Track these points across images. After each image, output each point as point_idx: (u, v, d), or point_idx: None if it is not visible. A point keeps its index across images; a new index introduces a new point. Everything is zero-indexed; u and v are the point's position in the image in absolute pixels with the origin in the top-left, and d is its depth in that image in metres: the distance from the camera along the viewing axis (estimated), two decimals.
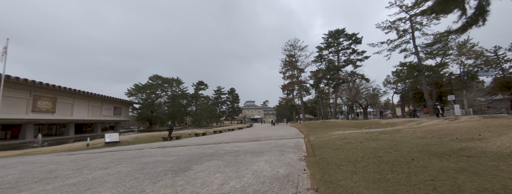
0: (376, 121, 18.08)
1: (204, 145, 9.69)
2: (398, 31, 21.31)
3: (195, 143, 10.83)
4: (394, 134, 7.26)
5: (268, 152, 6.55)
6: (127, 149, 9.60)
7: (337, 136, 8.64)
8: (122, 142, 12.42)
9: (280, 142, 9.20)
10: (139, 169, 4.86)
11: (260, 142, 9.44)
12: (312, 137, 9.94)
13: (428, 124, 10.79)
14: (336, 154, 5.16)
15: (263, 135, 13.72)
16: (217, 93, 68.46)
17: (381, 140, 6.30)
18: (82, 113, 34.46)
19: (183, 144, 10.38)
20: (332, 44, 35.51)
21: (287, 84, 39.53)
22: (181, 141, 12.89)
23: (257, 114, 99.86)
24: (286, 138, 10.82)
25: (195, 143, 10.54)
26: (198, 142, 11.28)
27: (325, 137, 9.30)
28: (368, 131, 9.02)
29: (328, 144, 6.82)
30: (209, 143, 10.42)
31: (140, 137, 14.29)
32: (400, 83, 28.94)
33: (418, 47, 21.09)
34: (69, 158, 7.74)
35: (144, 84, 54.01)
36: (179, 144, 10.50)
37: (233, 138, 12.46)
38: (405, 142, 5.60)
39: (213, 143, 10.33)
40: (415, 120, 14.78)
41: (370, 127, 14.47)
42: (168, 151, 7.93)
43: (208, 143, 10.47)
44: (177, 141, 12.47)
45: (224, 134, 17.52)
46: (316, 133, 11.90)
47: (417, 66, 20.71)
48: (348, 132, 10.54)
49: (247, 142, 9.97)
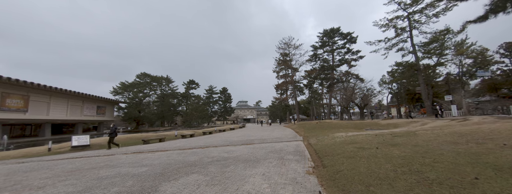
0: (375, 121, 17.31)
1: (188, 149, 8.30)
2: (396, 29, 20.69)
3: (179, 146, 9.39)
4: (411, 138, 6.20)
5: (265, 160, 5.29)
6: (94, 155, 8.03)
7: (343, 139, 7.52)
8: (93, 146, 10.75)
9: (277, 145, 7.97)
10: (85, 190, 3.45)
11: (254, 146, 8.17)
12: (313, 140, 8.79)
13: (435, 125, 9.92)
14: (354, 164, 3.98)
15: (257, 137, 12.46)
16: (209, 92, 66.52)
17: (401, 146, 5.20)
18: (60, 112, 31.78)
19: (164, 148, 8.92)
20: (327, 43, 34.82)
21: (281, 83, 38.50)
22: (164, 144, 11.39)
23: (250, 114, 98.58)
24: (282, 141, 9.61)
25: (179, 147, 9.11)
26: (183, 145, 9.84)
27: (327, 139, 8.17)
28: (377, 133, 7.96)
29: (336, 150, 5.65)
30: (195, 146, 9.02)
31: (119, 139, 12.62)
32: (395, 83, 28.62)
33: (416, 46, 20.65)
34: (10, 168, 6.12)
35: (131, 83, 51.32)
36: (160, 148, 9.03)
37: (224, 141, 11.11)
38: (436, 148, 4.51)
39: (199, 146, 8.94)
40: (416, 120, 14.03)
41: (371, 128, 13.56)
42: (142, 158, 6.49)
43: (194, 146, 9.07)
44: (159, 144, 10.97)
45: (214, 136, 16.10)
46: (315, 135, 10.77)
47: (415, 65, 20.22)
48: (351, 133, 9.48)
49: (239, 145, 8.67)
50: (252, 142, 9.82)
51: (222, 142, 10.58)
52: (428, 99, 20.20)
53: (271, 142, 9.49)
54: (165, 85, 58.62)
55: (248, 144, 8.96)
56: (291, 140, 9.76)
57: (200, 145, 9.43)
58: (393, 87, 30.44)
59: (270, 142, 9.51)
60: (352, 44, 33.73)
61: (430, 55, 20.79)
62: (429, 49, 20.28)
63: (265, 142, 9.59)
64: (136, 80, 52.54)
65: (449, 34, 19.68)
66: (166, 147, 9.35)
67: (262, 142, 9.46)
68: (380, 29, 22.26)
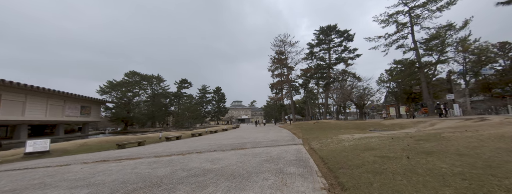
0: (377, 121, 16.22)
1: (166, 156, 6.81)
2: (397, 24, 19.73)
3: (156, 152, 7.88)
4: (443, 142, 4.96)
5: (258, 175, 3.89)
6: (44, 165, 6.43)
7: (352, 143, 6.22)
8: (55, 152, 9.04)
9: (274, 151, 6.60)
10: None
11: (246, 152, 6.77)
12: (315, 143, 7.47)
13: (450, 126, 8.81)
14: (391, 187, 2.64)
15: (250, 139, 11.06)
16: (202, 92, 64.65)
17: (440, 154, 3.92)
18: (37, 113, 29.39)
19: (137, 155, 7.39)
20: (324, 41, 33.80)
21: (276, 82, 37.31)
22: (142, 148, 9.82)
23: (245, 114, 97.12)
24: (279, 144, 8.25)
25: (155, 153, 7.60)
26: (161, 151, 8.32)
27: (332, 143, 6.87)
28: (391, 136, 6.71)
29: (351, 159, 4.33)
30: (176, 152, 7.54)
31: (90, 143, 10.94)
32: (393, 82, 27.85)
33: (417, 42, 19.75)
34: None
35: (119, 81, 48.83)
36: (132, 155, 7.50)
37: (212, 144, 9.66)
38: (498, 160, 3.25)
39: (181, 152, 7.46)
40: (422, 120, 12.97)
41: (375, 128, 12.41)
42: (99, 171, 4.98)
43: (174, 152, 7.58)
44: (134, 150, 9.41)
45: (203, 138, 14.59)
46: (315, 137, 9.47)
47: (416, 62, 19.34)
48: (358, 135, 8.23)
49: (228, 151, 7.25)
50: (244, 146, 8.41)
51: (209, 146, 9.12)
52: (430, 98, 19.34)
53: (266, 145, 8.12)
54: (156, 84, 56.37)
55: (239, 149, 7.55)
56: (289, 144, 8.42)
57: (182, 151, 7.94)
58: (391, 86, 29.71)
59: (265, 146, 8.13)
60: (349, 42, 32.87)
61: (431, 52, 19.94)
62: (431, 46, 19.42)
63: (259, 146, 8.21)
64: (124, 79, 50.09)
65: (450, 30, 18.90)
66: (140, 154, 7.81)
67: (256, 146, 8.07)
68: (380, 24, 21.34)
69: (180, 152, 7.69)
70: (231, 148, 8.03)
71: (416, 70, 21.14)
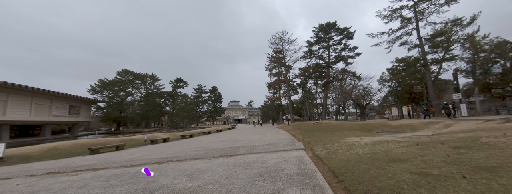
0: (382, 122, 15.08)
1: (136, 166, 5.52)
2: (402, 19, 18.60)
3: (129, 160, 6.57)
4: (494, 151, 3.77)
5: None
6: None
7: (368, 151, 5.01)
8: (12, 158, 7.61)
9: (270, 159, 5.36)
10: None
11: (236, 160, 5.51)
12: (319, 149, 6.25)
13: (469, 128, 7.69)
14: None
15: (244, 142, 9.80)
16: (198, 91, 63.11)
17: (508, 171, 2.71)
18: (21, 112, 27.68)
19: (103, 164, 6.08)
20: (323, 39, 32.70)
21: (274, 82, 36.10)
22: (117, 153, 8.49)
23: (242, 114, 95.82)
24: (277, 150, 7.01)
25: (126, 162, 6.28)
26: (137, 158, 7.01)
27: (341, 149, 5.66)
28: (414, 141, 5.51)
29: (377, 177, 3.10)
30: (151, 160, 6.24)
31: (61, 147, 9.55)
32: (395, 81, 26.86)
33: (423, 39, 18.69)
34: None
35: (111, 80, 47.04)
36: (97, 164, 6.18)
37: (199, 148, 8.37)
38: None
39: (157, 161, 6.16)
40: (434, 121, 11.84)
41: (382, 130, 11.26)
42: (35, 191, 3.67)
43: (149, 160, 6.28)
44: (106, 155, 8.07)
45: (193, 140, 13.28)
46: (318, 140, 8.25)
47: (421, 59, 18.26)
48: (369, 139, 7.04)
49: (215, 159, 5.99)
50: (236, 151, 7.14)
51: (195, 151, 7.82)
52: (436, 97, 18.30)
53: (262, 151, 6.86)
54: (150, 83, 54.69)
55: (229, 156, 6.29)
56: (288, 149, 7.17)
57: (160, 158, 6.64)
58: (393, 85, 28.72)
59: (261, 151, 6.88)
60: (349, 40, 31.82)
61: (437, 49, 18.90)
62: (437, 42, 18.37)
63: (254, 151, 6.95)
64: (116, 78, 48.33)
65: (457, 26, 17.91)
66: (109, 162, 6.49)
67: (250, 152, 6.82)
68: (383, 20, 20.24)
69: (158, 159, 6.39)
70: (220, 154, 6.76)
71: (420, 69, 20.09)
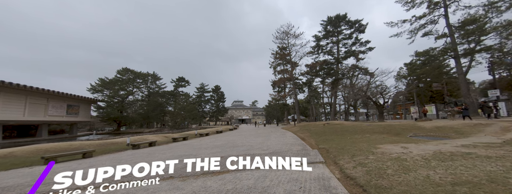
0: (411, 123, 12.73)
1: (72, 190, 3.54)
2: (429, 3, 16.00)
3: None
4: None
5: None
6: None
7: (444, 173, 2.89)
8: None
9: (276, 186, 3.33)
10: None
11: (223, 184, 3.51)
12: (349, 164, 4.17)
13: None
14: None
15: (243, 149, 7.78)
16: (200, 91, 61.48)
17: None
18: (14, 112, 26.47)
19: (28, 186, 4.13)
20: (332, 33, 30.33)
21: (279, 80, 33.98)
22: (75, 164, 6.62)
23: (245, 114, 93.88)
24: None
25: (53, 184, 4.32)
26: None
27: (392, 168, 3.57)
28: (504, 153, 3.34)
29: None
30: (113, 179, 4.26)
31: (17, 153, 7.80)
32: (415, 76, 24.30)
33: (452, 27, 16.14)
34: None
35: (111, 79, 45.84)
36: (24, 184, 4.27)
37: (186, 155, 6.37)
38: None
39: (119, 179, 4.18)
40: (484, 123, 9.46)
41: (415, 134, 9.01)
42: None
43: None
44: (62, 166, 6.19)
45: (184, 144, 11.33)
46: (340, 148, 6.13)
47: (451, 50, 15.63)
48: (416, 148, 4.90)
49: (194, 179, 4.02)
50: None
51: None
52: (469, 95, 15.78)
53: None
54: (152, 82, 53.37)
55: (215, 174, 4.29)
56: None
57: (107, 179, 4.65)
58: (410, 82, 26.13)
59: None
60: (360, 33, 29.35)
61: (470, 38, 16.26)
62: (471, 30, 15.69)
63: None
64: (117, 77, 47.11)
65: (492, 12, 15.33)
66: (48, 180, 4.55)
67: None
68: (404, 6, 17.74)
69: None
70: (204, 170, 4.73)
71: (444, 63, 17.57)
